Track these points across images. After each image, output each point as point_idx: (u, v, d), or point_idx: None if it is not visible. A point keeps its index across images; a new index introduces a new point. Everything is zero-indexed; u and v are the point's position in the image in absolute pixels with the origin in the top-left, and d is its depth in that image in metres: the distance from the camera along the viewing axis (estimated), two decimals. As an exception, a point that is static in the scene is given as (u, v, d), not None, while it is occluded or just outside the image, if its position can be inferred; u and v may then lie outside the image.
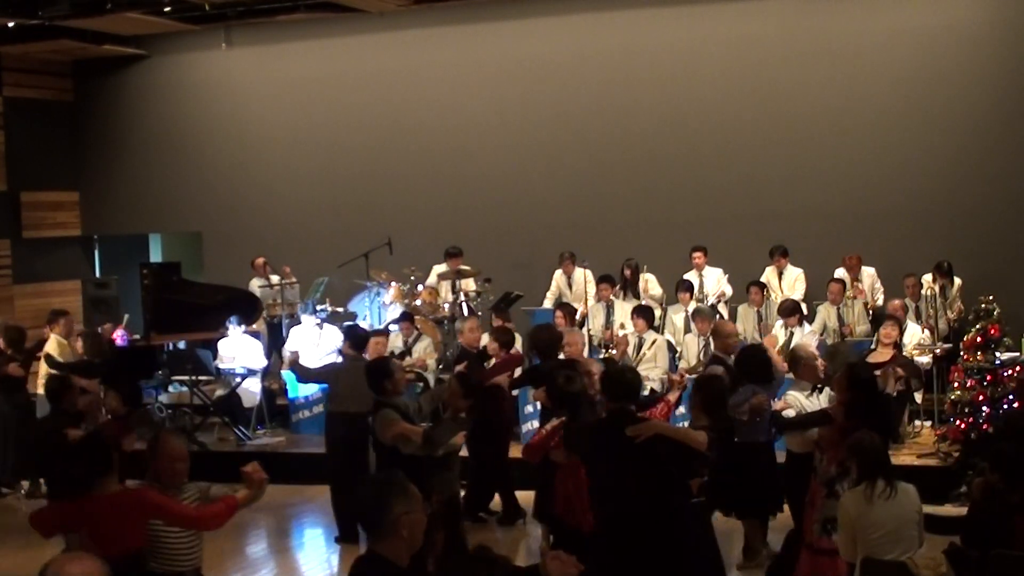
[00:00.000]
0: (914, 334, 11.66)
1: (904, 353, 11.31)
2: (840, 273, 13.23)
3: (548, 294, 14.11)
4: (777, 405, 8.09)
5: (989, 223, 13.63)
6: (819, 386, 7.97)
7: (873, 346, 11.27)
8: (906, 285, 12.59)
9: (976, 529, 6.25)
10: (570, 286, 14.02)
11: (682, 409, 10.17)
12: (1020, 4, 13.74)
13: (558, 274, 14.18)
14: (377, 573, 3.89)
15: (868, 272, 13.38)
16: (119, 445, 7.22)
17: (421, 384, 12.68)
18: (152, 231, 18.25)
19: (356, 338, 10.09)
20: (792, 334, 11.87)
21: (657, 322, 12.99)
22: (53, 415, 8.89)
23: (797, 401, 7.92)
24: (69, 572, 3.53)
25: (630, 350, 12.33)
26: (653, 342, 12.19)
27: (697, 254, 13.69)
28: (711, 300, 13.35)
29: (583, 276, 13.71)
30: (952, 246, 13.31)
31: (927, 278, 12.79)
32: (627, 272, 13.75)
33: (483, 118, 15.67)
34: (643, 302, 13.09)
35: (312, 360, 11.99)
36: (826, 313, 12.75)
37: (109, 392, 8.57)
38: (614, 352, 11.79)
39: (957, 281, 12.80)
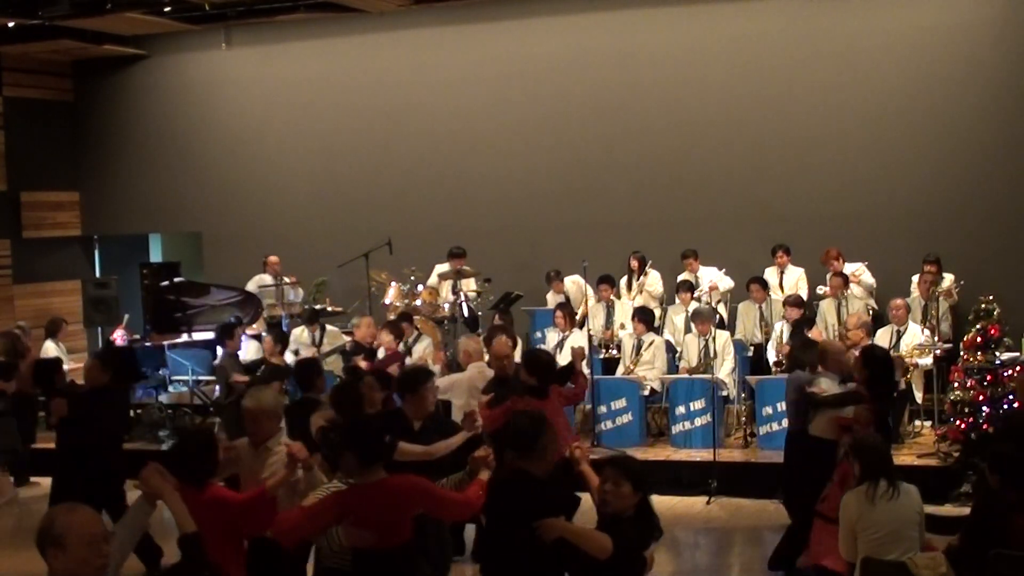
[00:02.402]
0: (914, 335, 11.64)
1: (903, 354, 11.33)
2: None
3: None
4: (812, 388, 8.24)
5: (989, 223, 13.63)
6: (846, 378, 8.09)
7: None
8: (923, 280, 12.48)
9: (975, 529, 6.26)
10: (567, 300, 13.97)
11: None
12: (1020, 4, 13.74)
13: (550, 296, 14.15)
14: (524, 483, 5.15)
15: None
16: None
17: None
18: (152, 231, 18.26)
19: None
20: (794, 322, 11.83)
21: (657, 322, 13.00)
22: None
23: (831, 388, 8.04)
24: (69, 521, 3.83)
25: (629, 351, 12.35)
26: (651, 343, 12.20)
27: (687, 259, 13.69)
28: (704, 293, 13.31)
29: (576, 287, 13.72)
30: (953, 246, 13.31)
31: (916, 278, 12.78)
32: (634, 264, 13.75)
33: (483, 118, 15.67)
34: (640, 301, 13.11)
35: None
36: (827, 308, 12.74)
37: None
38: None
39: (948, 276, 12.73)
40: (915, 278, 12.72)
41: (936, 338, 11.65)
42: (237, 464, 6.14)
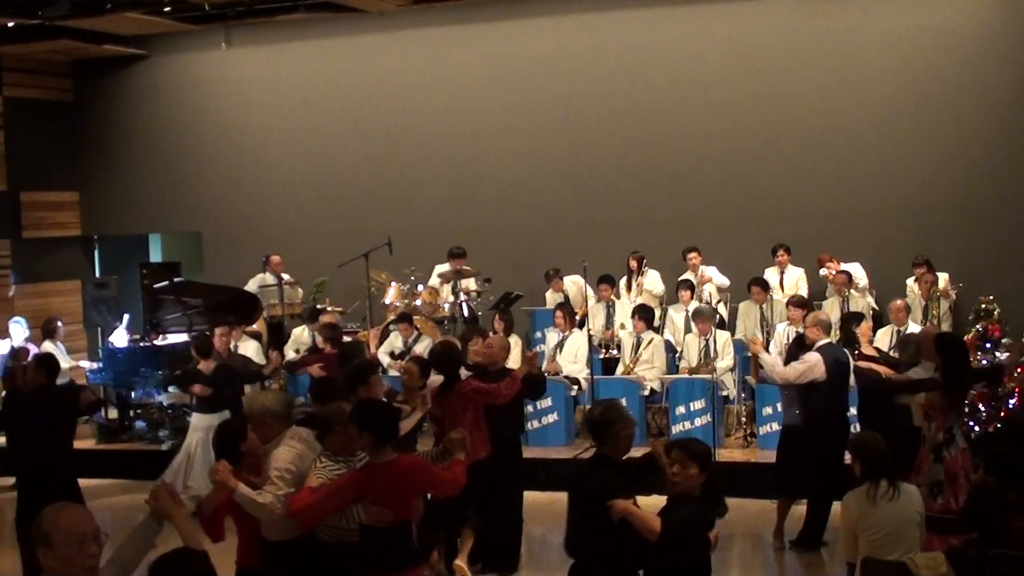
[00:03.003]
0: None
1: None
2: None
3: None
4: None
5: (989, 223, 13.64)
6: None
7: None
8: (924, 281, 12.48)
9: (972, 529, 6.26)
10: (566, 299, 13.97)
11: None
12: (1020, 4, 13.74)
13: (548, 294, 14.16)
14: (605, 465, 5.74)
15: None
16: None
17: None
18: (152, 231, 18.25)
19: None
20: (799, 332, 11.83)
21: (657, 321, 13.00)
22: None
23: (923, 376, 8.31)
24: (56, 519, 3.85)
25: (628, 349, 12.35)
26: (650, 342, 12.20)
27: (692, 255, 13.67)
28: (703, 285, 13.32)
29: (576, 287, 13.71)
30: (953, 246, 13.33)
31: (910, 281, 12.78)
32: (633, 263, 13.75)
33: (483, 118, 15.67)
34: (640, 301, 13.10)
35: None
36: (830, 308, 12.73)
37: None
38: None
39: (942, 276, 12.73)
40: (909, 280, 12.73)
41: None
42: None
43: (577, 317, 13.03)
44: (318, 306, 14.03)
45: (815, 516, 9.10)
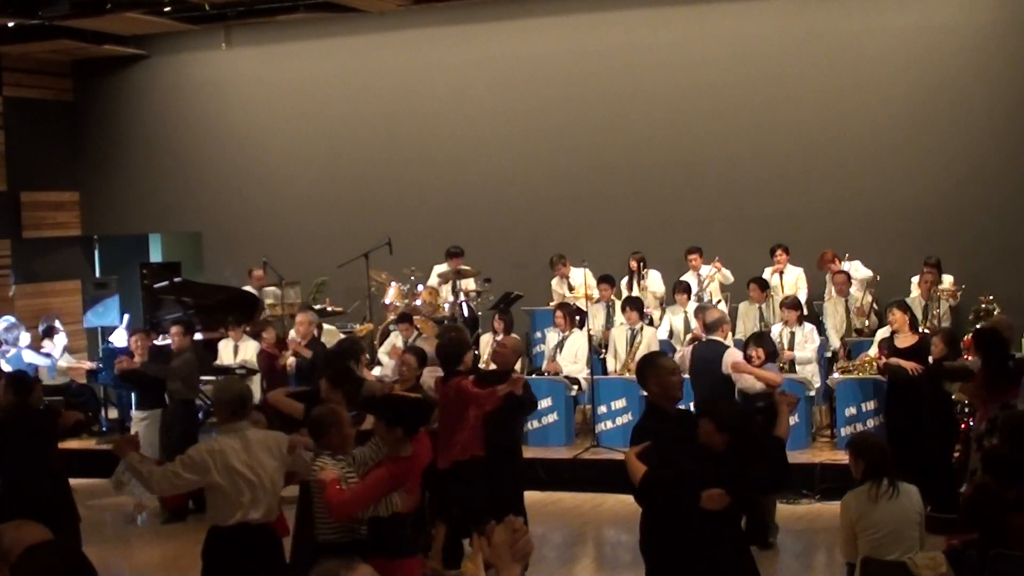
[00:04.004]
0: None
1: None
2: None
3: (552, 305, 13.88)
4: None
5: (989, 223, 13.64)
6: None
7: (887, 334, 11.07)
8: (924, 281, 12.51)
9: (973, 529, 6.26)
10: (570, 288, 13.98)
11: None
12: (1020, 4, 13.74)
13: (555, 282, 14.16)
14: (655, 412, 5.95)
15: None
16: None
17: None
18: (152, 231, 18.25)
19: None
20: (793, 335, 11.86)
21: (657, 323, 13.00)
22: None
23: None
24: (17, 536, 3.79)
25: (623, 342, 12.34)
26: (643, 331, 12.21)
27: (692, 256, 13.67)
28: (706, 279, 13.33)
29: (584, 275, 13.68)
30: (953, 246, 13.32)
31: (916, 279, 12.78)
32: (633, 264, 13.74)
33: (483, 118, 15.67)
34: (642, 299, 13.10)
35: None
36: (833, 307, 12.74)
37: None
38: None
39: (948, 278, 12.75)
40: (915, 279, 12.72)
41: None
42: None
43: (584, 301, 13.05)
44: (317, 307, 14.03)
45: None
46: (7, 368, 12.70)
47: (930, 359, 9.43)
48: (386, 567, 5.61)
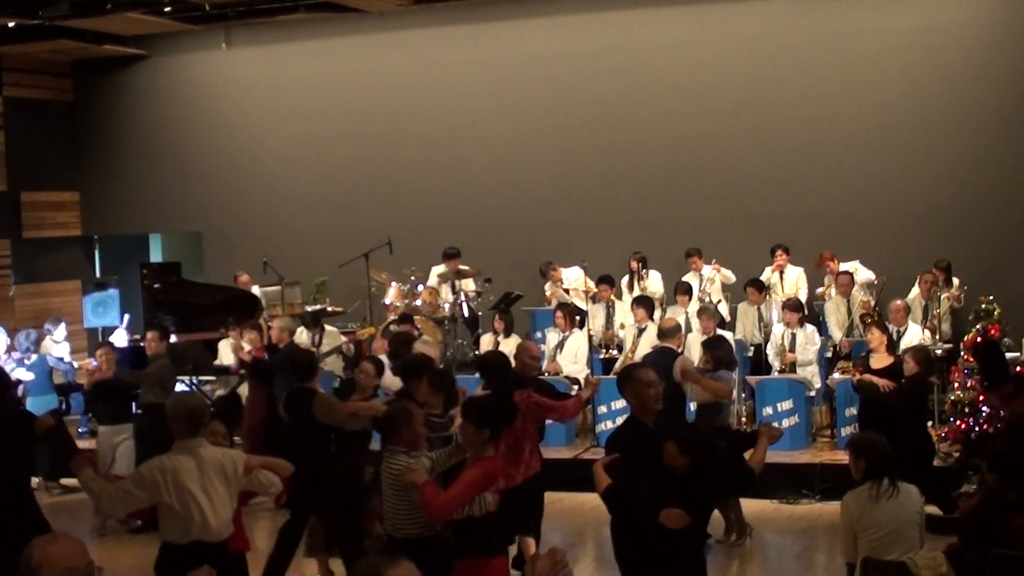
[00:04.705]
0: (914, 335, 11.64)
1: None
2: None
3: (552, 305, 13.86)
4: None
5: (990, 223, 13.64)
6: None
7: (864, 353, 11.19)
8: (923, 281, 12.54)
9: (973, 528, 6.25)
10: (566, 291, 13.96)
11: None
12: (1020, 4, 13.74)
13: (548, 286, 14.15)
14: (632, 424, 6.05)
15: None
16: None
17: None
18: (152, 231, 18.25)
19: None
20: (794, 336, 11.86)
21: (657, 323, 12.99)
22: None
23: None
24: (47, 552, 3.62)
25: (630, 340, 12.34)
26: (644, 329, 12.21)
27: (692, 258, 13.67)
28: (708, 281, 13.32)
29: (581, 273, 13.68)
30: (953, 246, 13.31)
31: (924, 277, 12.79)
32: (634, 265, 13.74)
33: (483, 118, 15.67)
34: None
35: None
36: (835, 307, 12.74)
37: None
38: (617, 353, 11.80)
39: (955, 281, 12.78)
40: (918, 277, 12.73)
41: (937, 338, 11.64)
42: None
43: (585, 297, 13.04)
44: (317, 307, 14.03)
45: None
46: (29, 376, 12.76)
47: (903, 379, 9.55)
48: (478, 566, 5.88)
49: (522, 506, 7.89)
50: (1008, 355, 10.34)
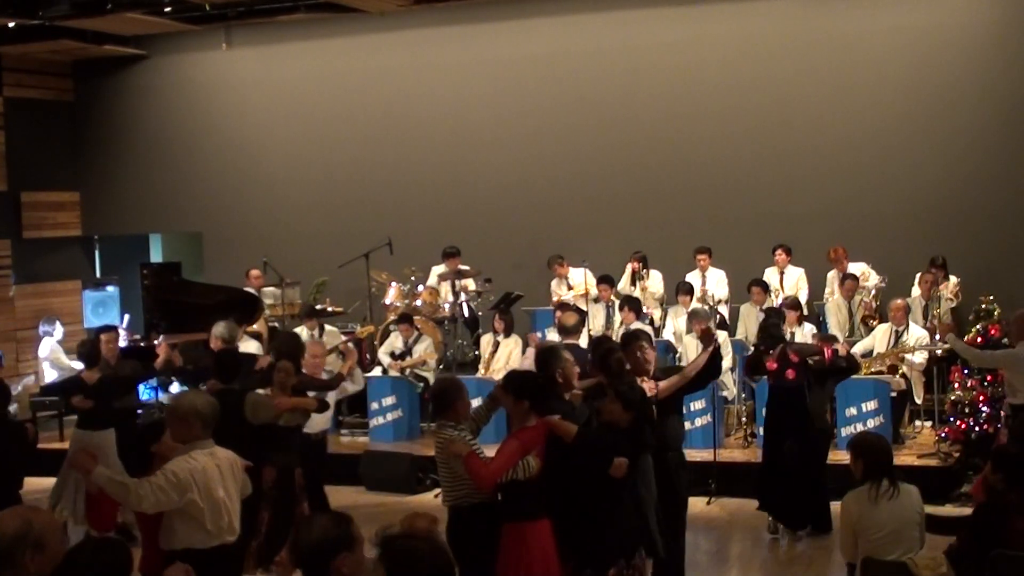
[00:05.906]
0: (916, 335, 11.63)
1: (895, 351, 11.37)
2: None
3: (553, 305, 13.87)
4: None
5: (990, 223, 13.63)
6: None
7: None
8: (923, 281, 12.53)
9: (975, 529, 6.25)
10: (569, 287, 13.98)
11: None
12: (1020, 4, 13.74)
13: (554, 283, 14.15)
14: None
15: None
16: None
17: (421, 384, 12.72)
18: (152, 231, 18.25)
19: None
20: (792, 335, 11.85)
21: (658, 323, 12.99)
22: None
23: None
24: (44, 522, 3.85)
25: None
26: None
27: (701, 256, 13.66)
28: (716, 301, 13.31)
29: (584, 275, 13.68)
30: (953, 246, 13.31)
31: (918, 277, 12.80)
32: (635, 265, 13.73)
33: (483, 118, 15.67)
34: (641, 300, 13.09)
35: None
36: (835, 307, 12.73)
37: None
38: None
39: (953, 279, 12.78)
40: (918, 276, 12.74)
41: (937, 338, 11.65)
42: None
43: (584, 300, 13.06)
44: (317, 307, 14.02)
45: None
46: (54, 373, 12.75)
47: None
48: (523, 529, 6.20)
49: None
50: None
